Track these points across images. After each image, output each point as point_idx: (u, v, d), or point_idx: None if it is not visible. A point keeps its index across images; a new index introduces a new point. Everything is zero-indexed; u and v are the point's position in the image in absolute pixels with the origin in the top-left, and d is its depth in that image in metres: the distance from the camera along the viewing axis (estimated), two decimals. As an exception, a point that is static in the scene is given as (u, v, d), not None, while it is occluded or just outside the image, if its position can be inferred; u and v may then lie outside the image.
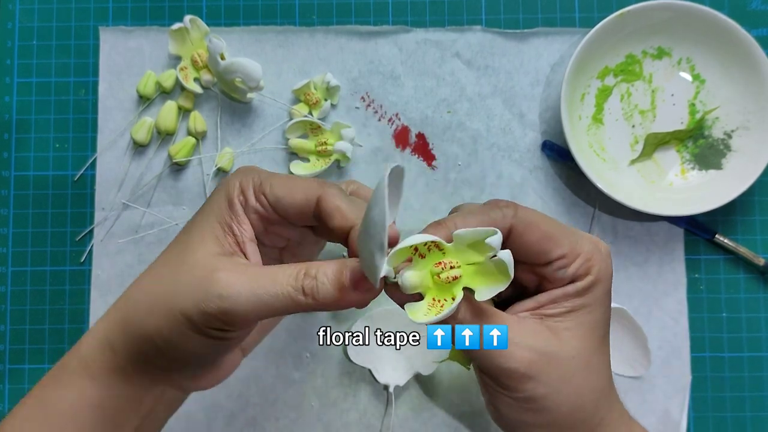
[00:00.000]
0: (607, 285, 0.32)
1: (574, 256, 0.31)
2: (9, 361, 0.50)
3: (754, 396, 0.50)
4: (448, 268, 0.29)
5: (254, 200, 0.32)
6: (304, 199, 0.32)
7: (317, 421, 0.50)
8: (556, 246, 0.31)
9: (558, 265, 0.31)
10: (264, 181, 0.32)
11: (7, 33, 0.53)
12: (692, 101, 0.51)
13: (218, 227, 0.32)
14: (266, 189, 0.32)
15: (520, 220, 0.31)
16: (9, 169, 0.52)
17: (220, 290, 0.29)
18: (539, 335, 0.31)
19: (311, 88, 0.51)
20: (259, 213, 0.33)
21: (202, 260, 0.31)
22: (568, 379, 0.30)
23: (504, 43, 0.52)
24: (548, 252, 0.31)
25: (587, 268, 0.31)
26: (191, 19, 0.50)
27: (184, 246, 0.32)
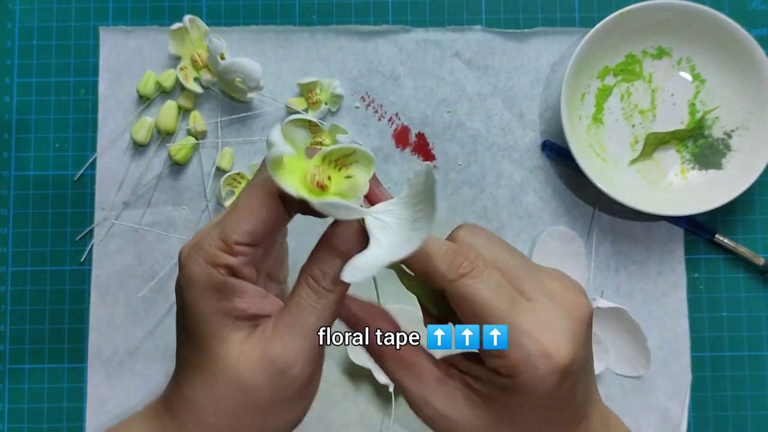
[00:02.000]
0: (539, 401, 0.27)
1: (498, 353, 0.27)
2: (9, 361, 0.50)
3: (755, 395, 0.50)
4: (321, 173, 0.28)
5: (234, 259, 0.28)
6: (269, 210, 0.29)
7: (317, 420, 0.50)
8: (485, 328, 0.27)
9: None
10: (224, 235, 0.28)
11: (7, 33, 0.53)
12: (692, 101, 0.51)
13: (227, 321, 0.29)
14: (234, 237, 0.28)
15: (454, 288, 0.28)
16: (9, 169, 0.52)
17: (284, 366, 0.28)
18: (451, 400, 0.29)
19: (317, 87, 0.51)
20: (247, 263, 0.29)
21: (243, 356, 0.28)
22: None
23: (504, 43, 0.52)
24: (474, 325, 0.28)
25: (509, 371, 0.27)
26: (191, 19, 0.50)
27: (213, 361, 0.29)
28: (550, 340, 0.27)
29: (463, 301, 0.28)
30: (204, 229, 0.30)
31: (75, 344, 0.50)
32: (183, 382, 0.30)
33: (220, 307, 0.29)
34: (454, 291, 0.28)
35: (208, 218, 0.51)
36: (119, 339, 0.50)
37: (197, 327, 0.29)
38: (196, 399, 0.30)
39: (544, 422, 0.29)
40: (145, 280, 0.50)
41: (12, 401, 0.50)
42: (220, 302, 0.28)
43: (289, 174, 0.28)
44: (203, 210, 0.51)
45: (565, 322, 0.28)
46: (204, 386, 0.30)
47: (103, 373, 0.50)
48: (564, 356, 0.27)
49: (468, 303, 0.28)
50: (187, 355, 0.31)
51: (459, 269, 0.28)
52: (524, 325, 0.27)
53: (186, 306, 0.29)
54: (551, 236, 0.50)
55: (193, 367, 0.30)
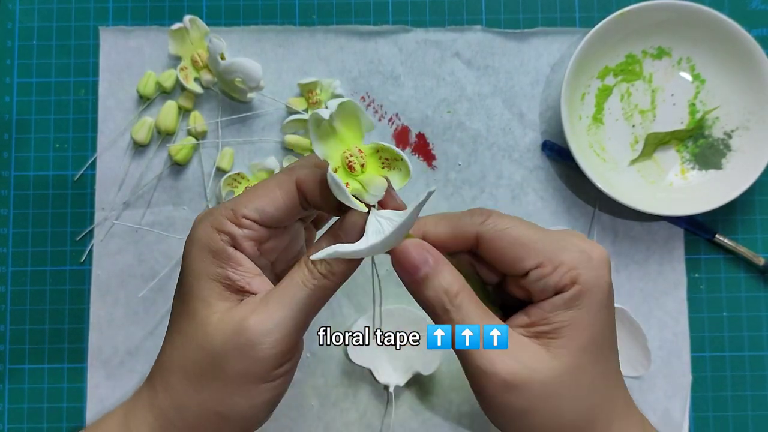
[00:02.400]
0: (601, 295, 0.30)
1: (553, 266, 0.29)
2: (9, 361, 0.50)
3: (756, 395, 0.50)
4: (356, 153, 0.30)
5: (238, 229, 0.30)
6: (284, 194, 0.30)
7: (317, 420, 0.50)
8: (530, 254, 0.29)
9: (535, 275, 0.29)
10: (235, 207, 0.30)
11: (7, 33, 0.53)
12: (692, 101, 0.51)
13: (215, 286, 0.30)
14: (243, 211, 0.30)
15: (488, 227, 0.30)
16: (9, 169, 0.52)
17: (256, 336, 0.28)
18: (527, 349, 0.29)
19: (317, 87, 0.51)
20: (250, 238, 0.30)
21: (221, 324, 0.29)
22: (550, 396, 0.29)
23: (504, 43, 0.52)
24: (521, 260, 0.29)
25: (572, 278, 0.29)
26: (191, 19, 0.50)
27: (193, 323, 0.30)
28: (587, 244, 0.30)
29: (496, 239, 0.30)
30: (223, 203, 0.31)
31: (75, 344, 0.50)
32: (164, 344, 0.31)
33: (212, 271, 0.30)
34: (488, 232, 0.30)
35: (208, 218, 0.51)
36: (119, 339, 0.50)
37: (188, 286, 0.30)
38: (168, 360, 0.31)
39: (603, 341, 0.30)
40: (146, 280, 0.50)
41: (12, 401, 0.50)
42: (213, 267, 0.30)
43: (332, 144, 0.30)
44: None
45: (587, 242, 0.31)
46: (178, 347, 0.30)
47: (103, 373, 0.50)
48: (601, 251, 0.30)
49: (506, 235, 0.30)
50: (174, 316, 0.31)
51: (482, 214, 0.30)
52: (562, 236, 0.30)
53: (184, 265, 0.31)
54: (551, 236, 0.50)
55: (176, 328, 0.31)
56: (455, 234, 0.31)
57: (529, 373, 0.29)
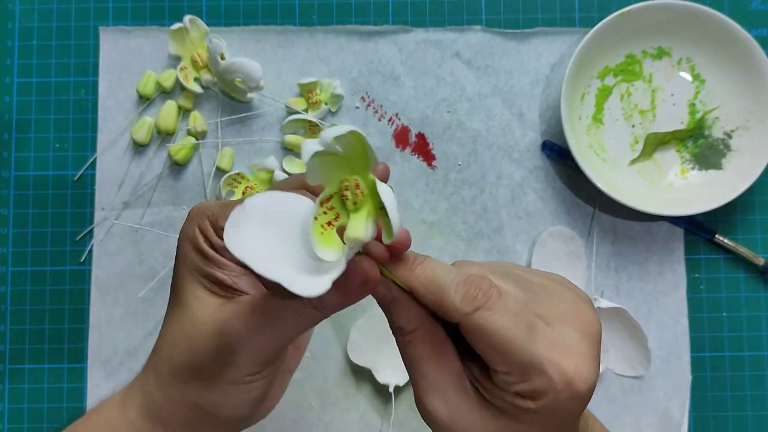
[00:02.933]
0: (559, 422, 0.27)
1: (522, 379, 0.26)
2: (9, 361, 0.50)
3: (755, 395, 0.50)
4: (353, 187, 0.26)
5: (216, 237, 0.30)
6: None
7: (317, 420, 0.50)
8: (503, 362, 0.27)
9: (501, 376, 0.27)
10: (218, 210, 0.30)
11: (7, 33, 0.53)
12: (692, 101, 0.51)
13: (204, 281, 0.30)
14: (221, 220, 0.30)
15: (470, 320, 0.27)
16: (9, 169, 0.52)
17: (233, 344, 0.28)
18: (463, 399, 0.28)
19: (317, 87, 0.51)
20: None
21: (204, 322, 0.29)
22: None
23: (504, 43, 0.52)
24: (491, 361, 0.27)
25: (532, 396, 0.26)
26: (191, 19, 0.50)
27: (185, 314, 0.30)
28: (572, 367, 0.26)
29: (480, 334, 0.27)
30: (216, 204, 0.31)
31: (75, 344, 0.50)
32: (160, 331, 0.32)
33: (201, 267, 0.30)
34: (471, 324, 0.27)
35: (208, 218, 0.51)
36: (119, 339, 0.50)
37: (181, 278, 0.31)
38: (160, 347, 0.31)
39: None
40: (145, 280, 0.50)
41: (12, 401, 0.50)
42: (201, 264, 0.30)
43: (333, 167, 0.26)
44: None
45: (582, 344, 0.27)
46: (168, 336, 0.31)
47: (103, 373, 0.50)
48: (585, 381, 0.27)
49: (485, 335, 0.26)
50: (169, 303, 0.32)
51: (474, 302, 0.27)
52: (545, 353, 0.26)
53: (177, 255, 0.31)
54: (551, 236, 0.50)
55: (169, 317, 0.31)
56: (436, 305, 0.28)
57: (451, 420, 0.28)
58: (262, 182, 0.50)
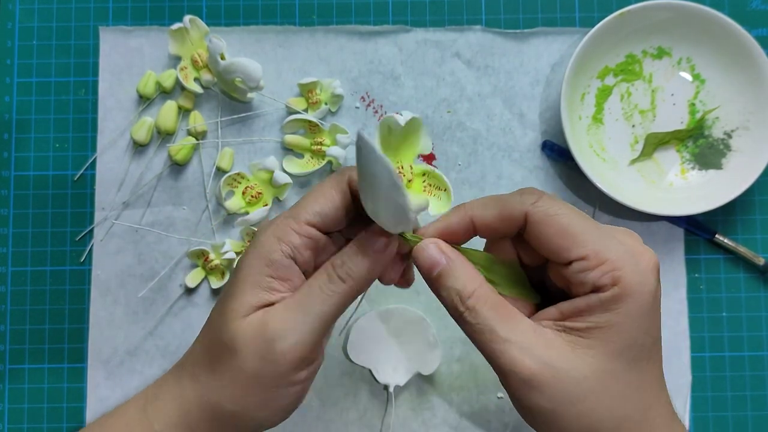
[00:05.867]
0: (642, 302, 0.28)
1: (597, 261, 0.28)
2: (9, 361, 0.50)
3: (755, 395, 0.50)
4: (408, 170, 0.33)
5: (299, 238, 0.30)
6: (339, 194, 0.31)
7: (317, 420, 0.50)
8: (576, 245, 0.28)
9: (577, 267, 0.28)
10: (297, 214, 0.31)
11: (7, 33, 0.53)
12: (692, 101, 0.51)
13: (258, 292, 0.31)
14: (305, 216, 0.30)
15: (538, 209, 0.29)
16: (9, 169, 0.52)
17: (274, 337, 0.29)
18: (552, 347, 0.28)
19: (317, 87, 0.51)
20: (310, 247, 0.31)
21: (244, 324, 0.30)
22: (576, 399, 0.28)
23: (504, 43, 0.52)
24: (566, 250, 0.28)
25: (613, 278, 0.27)
26: (191, 19, 0.50)
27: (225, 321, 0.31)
28: (639, 246, 0.29)
29: (549, 220, 0.28)
30: (284, 213, 0.33)
31: (75, 344, 0.50)
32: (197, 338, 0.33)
33: (261, 281, 0.31)
34: (539, 213, 0.29)
35: (208, 218, 0.51)
36: (119, 339, 0.50)
37: (233, 287, 0.32)
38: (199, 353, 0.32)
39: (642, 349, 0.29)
40: (145, 280, 0.50)
41: (12, 401, 0.50)
42: (263, 277, 0.31)
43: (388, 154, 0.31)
44: (203, 210, 0.51)
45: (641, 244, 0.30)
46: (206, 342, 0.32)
47: (103, 373, 0.50)
48: (653, 255, 0.29)
49: (556, 220, 0.28)
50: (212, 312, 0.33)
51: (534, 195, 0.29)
52: (611, 232, 0.29)
53: (237, 267, 0.32)
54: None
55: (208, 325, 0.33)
56: (503, 215, 0.30)
57: (550, 373, 0.28)
58: (262, 182, 0.50)
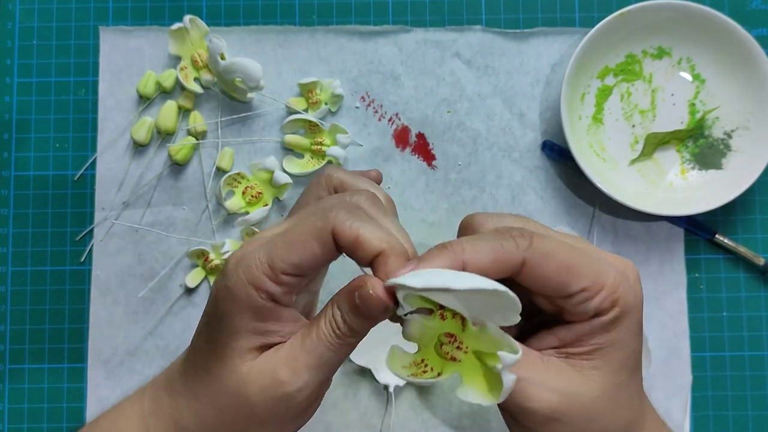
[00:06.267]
0: (638, 315, 0.29)
1: (597, 289, 0.28)
2: (9, 361, 0.50)
3: (756, 395, 0.50)
4: (455, 347, 0.28)
5: (277, 287, 0.29)
6: (321, 246, 0.29)
7: (317, 421, 0.50)
8: (576, 278, 0.28)
9: (579, 299, 0.28)
10: (272, 262, 0.29)
11: (7, 33, 0.53)
12: (692, 101, 0.51)
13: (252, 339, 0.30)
14: (281, 266, 0.28)
15: (535, 252, 0.28)
16: (9, 168, 0.52)
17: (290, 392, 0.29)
18: (563, 376, 0.29)
19: (317, 87, 0.51)
20: (289, 292, 0.30)
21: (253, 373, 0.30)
22: (592, 419, 0.29)
23: (504, 43, 0.52)
24: (567, 285, 0.28)
25: (612, 301, 0.28)
26: (191, 19, 0.50)
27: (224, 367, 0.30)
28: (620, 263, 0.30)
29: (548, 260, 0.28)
30: (256, 238, 0.30)
31: (75, 344, 0.50)
32: (191, 375, 0.32)
33: (251, 326, 0.29)
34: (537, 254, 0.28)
35: (208, 218, 0.51)
36: (119, 339, 0.50)
37: (220, 335, 0.30)
38: (199, 395, 0.31)
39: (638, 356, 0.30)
40: (145, 280, 0.50)
41: (12, 401, 0.50)
42: (252, 322, 0.29)
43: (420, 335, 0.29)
44: (203, 210, 0.51)
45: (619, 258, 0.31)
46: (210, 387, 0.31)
47: (103, 373, 0.50)
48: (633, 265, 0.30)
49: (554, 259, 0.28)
50: (204, 355, 0.31)
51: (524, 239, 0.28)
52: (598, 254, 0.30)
53: (219, 314, 0.30)
54: (551, 236, 0.50)
55: (205, 367, 0.31)
56: (499, 261, 0.28)
57: (568, 401, 0.28)
58: (262, 182, 0.50)
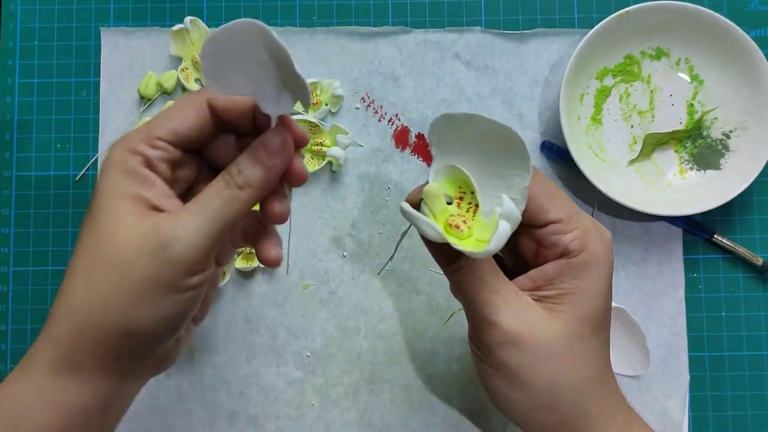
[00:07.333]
0: (606, 270, 0.32)
1: (570, 226, 0.31)
2: (11, 360, 0.51)
3: (754, 394, 0.50)
4: (461, 219, 0.30)
5: (153, 150, 0.30)
6: (196, 113, 0.31)
7: (318, 420, 0.50)
8: (554, 207, 0.31)
9: (552, 229, 0.31)
10: (149, 129, 0.30)
11: (9, 34, 0.53)
12: (691, 102, 0.51)
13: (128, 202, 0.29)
14: (157, 132, 0.30)
15: None
16: (11, 169, 0.52)
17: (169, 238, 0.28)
18: (532, 309, 0.31)
19: (317, 88, 0.51)
20: (164, 159, 0.30)
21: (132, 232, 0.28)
22: (545, 356, 0.31)
23: (503, 44, 0.52)
24: (546, 211, 0.32)
25: (582, 244, 0.31)
26: (192, 20, 0.50)
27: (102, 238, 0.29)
28: (595, 222, 0.33)
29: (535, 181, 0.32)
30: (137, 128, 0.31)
31: (76, 344, 0.51)
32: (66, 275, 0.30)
33: (126, 189, 0.29)
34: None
35: (208, 218, 0.51)
36: (120, 338, 0.50)
37: (99, 204, 0.29)
38: (71, 281, 0.29)
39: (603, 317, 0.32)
40: (146, 280, 0.50)
41: (14, 400, 0.50)
42: (127, 185, 0.29)
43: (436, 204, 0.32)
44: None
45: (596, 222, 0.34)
46: (82, 268, 0.29)
47: (105, 373, 0.50)
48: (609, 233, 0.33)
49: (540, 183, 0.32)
50: (80, 237, 0.30)
51: None
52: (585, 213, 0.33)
53: (96, 186, 0.30)
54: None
55: (81, 250, 0.30)
56: None
57: (528, 330, 0.30)
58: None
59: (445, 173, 0.31)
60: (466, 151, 0.31)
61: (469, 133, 0.30)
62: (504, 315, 0.31)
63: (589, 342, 0.32)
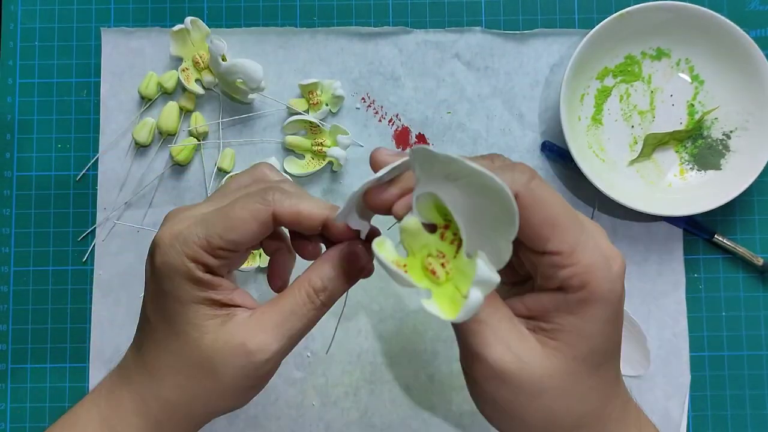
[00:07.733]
0: (609, 309, 0.28)
1: (569, 261, 0.27)
2: (11, 360, 0.51)
3: (754, 394, 0.50)
4: (439, 263, 0.27)
5: (214, 260, 0.30)
6: (259, 225, 0.30)
7: (318, 420, 0.50)
8: (555, 237, 0.27)
9: (550, 261, 0.27)
10: (209, 237, 0.30)
11: (10, 34, 0.53)
12: (691, 102, 0.51)
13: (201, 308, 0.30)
14: (217, 242, 0.30)
15: (531, 192, 0.27)
16: (11, 169, 0.52)
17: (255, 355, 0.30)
18: (525, 342, 0.28)
19: (318, 89, 0.51)
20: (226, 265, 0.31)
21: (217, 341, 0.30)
22: (536, 393, 0.28)
23: (504, 44, 0.52)
24: (545, 240, 0.27)
25: (582, 282, 0.27)
26: (192, 21, 0.50)
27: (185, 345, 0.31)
28: (610, 250, 0.28)
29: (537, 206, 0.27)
30: (185, 217, 0.31)
31: (77, 344, 0.51)
32: (148, 359, 0.32)
33: (197, 296, 0.30)
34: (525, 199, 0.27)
35: (209, 218, 0.51)
36: (121, 339, 0.50)
37: (173, 311, 0.31)
38: (160, 375, 0.32)
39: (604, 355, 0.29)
40: (147, 280, 0.51)
41: (14, 400, 0.50)
42: (197, 292, 0.30)
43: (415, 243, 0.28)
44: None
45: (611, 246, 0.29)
46: (172, 365, 0.31)
47: (105, 373, 0.50)
48: (623, 259, 0.28)
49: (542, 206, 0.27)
50: (157, 335, 0.32)
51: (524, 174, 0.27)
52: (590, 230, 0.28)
53: (163, 290, 0.31)
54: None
55: (163, 346, 0.32)
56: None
57: (519, 366, 0.27)
58: (263, 183, 0.50)
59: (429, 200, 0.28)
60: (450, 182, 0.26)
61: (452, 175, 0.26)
62: (492, 349, 0.28)
63: (587, 380, 0.28)
